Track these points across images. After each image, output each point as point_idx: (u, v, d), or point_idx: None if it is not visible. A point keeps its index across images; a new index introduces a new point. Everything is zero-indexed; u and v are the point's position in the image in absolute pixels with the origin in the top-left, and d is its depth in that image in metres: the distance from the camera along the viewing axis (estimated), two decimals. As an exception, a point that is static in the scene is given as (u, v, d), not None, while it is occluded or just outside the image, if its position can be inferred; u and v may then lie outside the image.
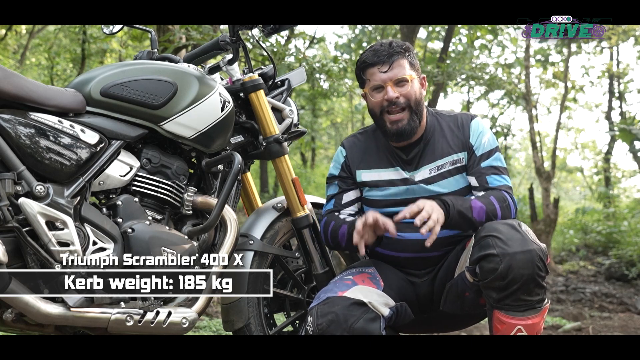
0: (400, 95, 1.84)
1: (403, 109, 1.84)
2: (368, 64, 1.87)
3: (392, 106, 1.84)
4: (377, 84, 1.86)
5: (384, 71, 1.85)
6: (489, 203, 1.77)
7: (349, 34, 11.63)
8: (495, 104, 13.55)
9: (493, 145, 1.90)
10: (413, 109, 1.85)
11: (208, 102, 1.84)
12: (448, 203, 1.72)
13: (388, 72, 1.84)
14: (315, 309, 1.71)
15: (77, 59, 10.65)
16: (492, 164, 1.87)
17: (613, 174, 14.96)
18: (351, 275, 1.83)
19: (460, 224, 1.75)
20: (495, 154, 1.88)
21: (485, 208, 1.76)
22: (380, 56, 1.85)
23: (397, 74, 1.84)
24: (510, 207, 1.80)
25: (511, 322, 1.64)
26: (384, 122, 1.87)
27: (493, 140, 1.91)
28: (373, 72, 1.86)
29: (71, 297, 1.51)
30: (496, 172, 1.86)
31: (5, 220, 1.45)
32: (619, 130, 10.46)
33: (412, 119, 1.85)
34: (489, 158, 1.87)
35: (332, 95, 11.81)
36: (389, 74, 1.84)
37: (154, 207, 1.78)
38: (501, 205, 1.78)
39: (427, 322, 1.98)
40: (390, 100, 1.84)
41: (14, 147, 1.53)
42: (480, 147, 1.88)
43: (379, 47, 1.87)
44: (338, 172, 2.00)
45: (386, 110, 1.86)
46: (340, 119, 16.80)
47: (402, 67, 1.85)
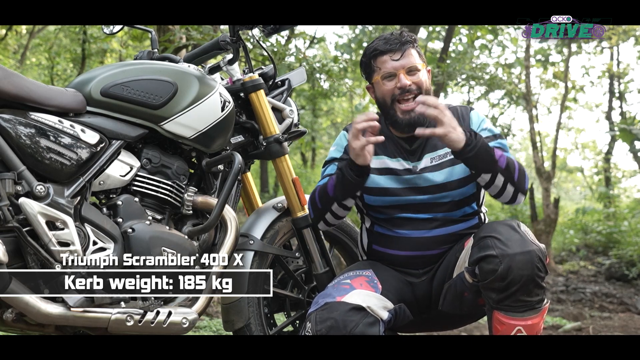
0: (413, 83, 1.84)
1: (415, 97, 1.84)
2: (380, 51, 1.86)
3: (404, 94, 1.84)
4: (389, 71, 1.85)
5: (397, 59, 1.84)
6: (510, 157, 1.78)
7: (349, 34, 11.62)
8: (496, 104, 13.54)
9: (496, 131, 1.90)
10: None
11: (208, 102, 1.84)
12: (474, 133, 1.71)
13: (400, 60, 1.84)
14: (314, 315, 1.70)
15: (77, 59, 10.65)
16: (496, 146, 1.86)
17: (613, 174, 14.96)
18: (349, 279, 1.82)
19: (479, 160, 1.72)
20: (500, 139, 1.88)
21: (506, 157, 1.76)
22: (392, 44, 1.85)
23: (410, 61, 1.85)
24: (524, 171, 1.80)
25: (511, 322, 1.64)
26: (395, 112, 1.86)
27: (494, 128, 1.92)
28: (384, 60, 1.86)
29: (71, 297, 1.51)
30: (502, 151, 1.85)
31: (6, 220, 1.45)
32: (619, 130, 10.46)
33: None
34: (494, 142, 1.86)
35: (333, 95, 11.81)
36: (401, 62, 1.84)
37: (154, 207, 1.78)
38: (519, 166, 1.79)
39: (425, 322, 1.98)
40: (403, 88, 1.83)
41: (14, 147, 1.53)
42: (484, 132, 1.88)
43: (390, 36, 1.88)
44: (340, 155, 1.97)
45: (397, 99, 1.85)
46: (340, 119, 16.79)
47: (412, 56, 1.86)
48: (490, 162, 1.73)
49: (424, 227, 1.87)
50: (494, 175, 1.75)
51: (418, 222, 1.87)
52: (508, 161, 1.76)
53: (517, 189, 1.79)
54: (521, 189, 1.79)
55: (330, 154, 2.00)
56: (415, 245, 1.87)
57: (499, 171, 1.74)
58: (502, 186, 1.77)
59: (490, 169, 1.75)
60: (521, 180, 1.78)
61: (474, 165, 1.76)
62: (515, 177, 1.77)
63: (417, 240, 1.87)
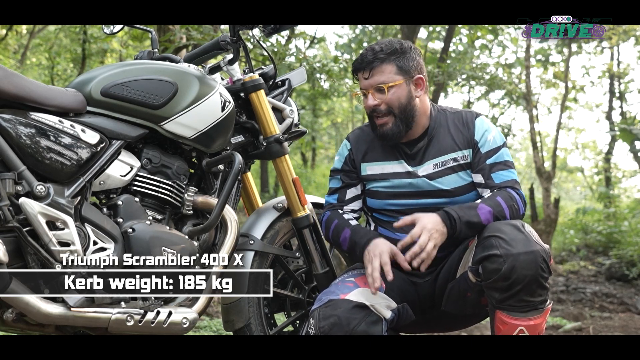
0: (382, 102, 1.84)
1: (385, 114, 1.85)
2: (355, 68, 1.89)
3: (374, 112, 1.86)
4: (362, 89, 1.88)
5: (366, 78, 1.86)
6: (497, 205, 1.75)
7: (350, 34, 11.62)
8: (496, 104, 13.54)
9: (500, 142, 1.89)
10: (396, 114, 1.84)
11: (208, 102, 1.84)
12: (454, 217, 1.71)
13: (369, 79, 1.85)
14: (317, 312, 1.70)
15: (77, 59, 10.65)
16: (497, 160, 1.86)
17: (613, 174, 14.96)
18: (353, 277, 1.83)
19: (468, 233, 1.74)
20: (502, 150, 1.88)
21: (492, 211, 1.74)
22: (363, 62, 1.86)
23: (377, 80, 1.84)
24: (518, 204, 1.79)
25: (513, 322, 1.64)
26: (374, 124, 1.89)
27: (500, 138, 1.90)
28: (359, 77, 1.89)
29: (71, 297, 1.51)
30: (502, 167, 1.85)
31: (6, 220, 1.45)
32: (620, 130, 10.45)
33: (397, 123, 1.84)
34: (495, 155, 1.86)
35: (333, 95, 11.80)
36: (369, 81, 1.85)
37: (155, 207, 1.78)
38: (509, 205, 1.77)
39: (428, 322, 1.98)
40: (370, 108, 1.86)
41: (14, 147, 1.53)
42: (486, 145, 1.87)
43: (366, 52, 1.88)
44: (341, 166, 2.00)
45: (371, 115, 1.88)
46: (340, 119, 16.80)
47: (383, 74, 1.83)
48: (477, 228, 1.73)
49: None
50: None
51: None
52: (495, 214, 1.74)
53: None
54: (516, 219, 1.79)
55: (334, 165, 2.04)
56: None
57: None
58: None
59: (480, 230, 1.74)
60: (514, 216, 1.78)
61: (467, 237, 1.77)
62: (507, 217, 1.76)
63: None
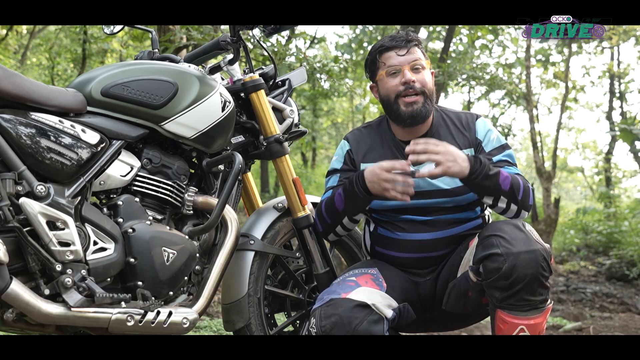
0: (417, 81, 1.85)
1: (417, 93, 1.85)
2: (386, 47, 1.89)
3: (408, 90, 1.85)
4: (394, 67, 1.87)
5: (402, 54, 1.86)
6: (514, 177, 1.77)
7: (350, 34, 11.62)
8: (496, 104, 13.55)
9: (503, 142, 1.91)
10: (427, 95, 1.86)
11: (209, 102, 1.84)
12: (480, 160, 1.71)
13: (406, 56, 1.86)
14: (319, 311, 1.70)
15: (77, 59, 10.65)
16: (503, 158, 1.86)
17: (614, 174, 14.96)
18: (354, 276, 1.83)
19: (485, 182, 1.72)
20: (506, 149, 1.89)
21: (510, 179, 1.75)
22: (399, 41, 1.88)
23: (415, 57, 1.87)
24: (529, 191, 1.80)
25: (514, 322, 1.65)
26: (398, 106, 1.86)
27: (502, 138, 1.93)
28: (390, 56, 1.88)
29: (72, 297, 1.51)
30: (508, 164, 1.86)
31: (6, 220, 1.45)
32: (620, 130, 10.44)
33: (426, 103, 1.86)
34: (500, 154, 1.87)
35: (333, 96, 11.82)
36: (407, 57, 1.86)
37: (155, 207, 1.78)
38: (523, 183, 1.78)
39: (429, 322, 1.98)
40: (407, 83, 1.84)
41: (14, 147, 1.53)
42: (490, 144, 1.89)
43: (397, 34, 1.91)
44: (340, 166, 1.99)
45: (402, 94, 1.85)
46: (340, 119, 16.81)
47: (417, 53, 1.88)
48: (494, 187, 1.74)
49: (427, 230, 1.87)
50: (497, 198, 1.76)
51: (421, 224, 1.87)
52: (512, 182, 1.76)
53: (521, 208, 1.80)
54: (525, 207, 1.81)
55: (332, 165, 2.02)
56: (418, 248, 1.87)
57: (502, 194, 1.75)
58: (505, 206, 1.79)
59: (494, 193, 1.76)
60: (525, 199, 1.79)
61: (478, 191, 1.78)
62: (519, 197, 1.77)
63: (419, 243, 1.87)
